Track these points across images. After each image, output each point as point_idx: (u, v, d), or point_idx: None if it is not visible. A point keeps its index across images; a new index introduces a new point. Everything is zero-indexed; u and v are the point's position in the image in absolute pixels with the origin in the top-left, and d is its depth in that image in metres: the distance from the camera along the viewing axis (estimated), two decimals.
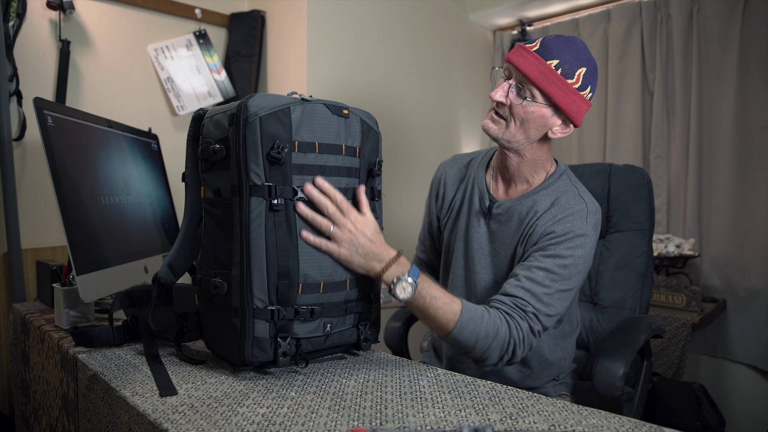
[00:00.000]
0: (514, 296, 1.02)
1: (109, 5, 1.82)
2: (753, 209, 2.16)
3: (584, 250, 1.05)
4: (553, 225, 1.07)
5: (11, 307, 1.45)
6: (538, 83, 1.03)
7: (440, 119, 2.65)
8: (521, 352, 1.01)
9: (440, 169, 1.35)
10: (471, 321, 0.97)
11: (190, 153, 0.96)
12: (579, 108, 1.06)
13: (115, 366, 0.92)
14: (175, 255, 0.97)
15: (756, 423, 2.19)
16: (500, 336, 0.98)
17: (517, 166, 1.14)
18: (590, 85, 1.06)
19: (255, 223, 0.82)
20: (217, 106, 0.91)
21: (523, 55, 1.05)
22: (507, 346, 0.99)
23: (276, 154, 0.82)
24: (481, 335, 0.97)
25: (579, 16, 2.66)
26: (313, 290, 0.87)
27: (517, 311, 1.01)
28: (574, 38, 1.07)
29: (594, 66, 1.06)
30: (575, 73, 1.04)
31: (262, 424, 0.69)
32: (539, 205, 1.11)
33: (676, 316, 2.02)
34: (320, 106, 0.88)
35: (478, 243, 1.18)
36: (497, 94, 1.06)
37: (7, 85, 1.52)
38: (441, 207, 1.31)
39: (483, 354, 0.99)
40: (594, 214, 1.09)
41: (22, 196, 1.61)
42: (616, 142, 2.52)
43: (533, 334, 1.02)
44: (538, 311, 1.01)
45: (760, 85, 2.14)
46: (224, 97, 2.07)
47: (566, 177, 1.15)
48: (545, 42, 1.05)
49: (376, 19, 2.28)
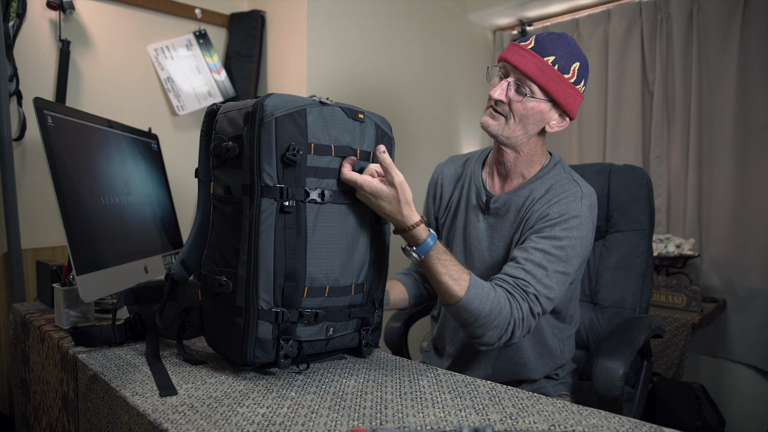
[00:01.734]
0: (516, 277, 1.02)
1: (109, 5, 1.82)
2: (753, 209, 2.16)
3: (580, 231, 1.06)
4: (549, 208, 1.08)
5: (11, 307, 1.45)
6: (537, 80, 1.05)
7: (440, 119, 2.65)
8: (519, 333, 1.01)
9: (437, 170, 1.36)
10: (479, 296, 0.97)
11: (203, 148, 0.95)
12: (575, 101, 1.09)
13: (115, 366, 0.92)
14: (188, 251, 0.97)
15: (756, 423, 2.19)
16: (503, 315, 0.98)
17: (513, 161, 1.16)
18: (583, 79, 1.10)
19: (265, 224, 0.82)
20: (232, 102, 0.89)
21: (520, 53, 1.07)
22: (507, 326, 0.99)
23: (291, 156, 0.81)
24: (485, 311, 0.97)
25: (579, 16, 2.65)
26: (319, 294, 0.87)
27: (519, 291, 1.01)
28: (564, 34, 1.09)
29: (585, 60, 1.10)
30: (570, 68, 1.06)
31: (262, 424, 0.69)
32: (535, 193, 1.13)
33: (676, 316, 2.02)
34: (336, 109, 0.88)
35: (476, 239, 1.19)
36: (496, 92, 1.08)
37: (7, 85, 1.52)
38: (439, 207, 1.32)
39: (483, 330, 0.99)
40: (588, 196, 1.11)
41: (22, 196, 1.61)
42: (616, 142, 2.52)
43: (533, 315, 1.02)
44: (539, 293, 1.02)
45: (760, 85, 2.14)
46: (224, 97, 2.07)
47: (560, 167, 1.17)
48: (540, 39, 1.07)
49: (376, 19, 2.28)
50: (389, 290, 1.30)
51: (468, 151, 1.40)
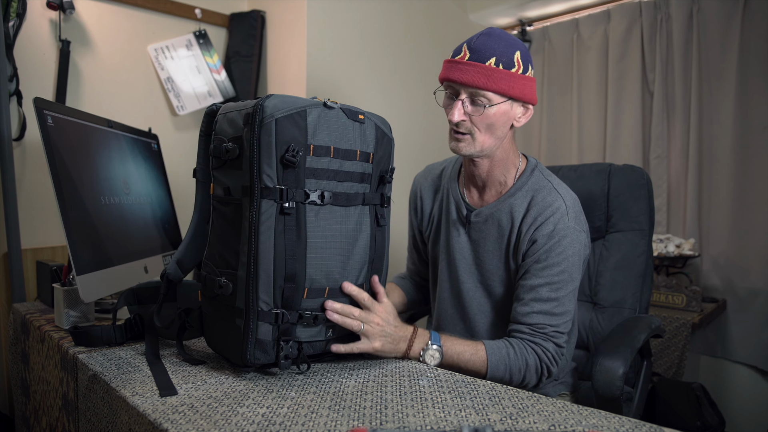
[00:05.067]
0: (531, 324, 1.06)
1: (109, 5, 1.82)
2: (753, 209, 2.16)
3: (574, 248, 1.07)
4: (536, 232, 1.08)
5: (11, 307, 1.45)
6: (489, 87, 1.02)
7: (440, 119, 2.65)
8: (555, 368, 1.07)
9: (415, 182, 1.35)
10: (500, 362, 1.03)
11: (202, 149, 0.96)
12: (531, 89, 1.07)
13: (115, 366, 0.92)
14: (183, 251, 0.97)
15: (756, 423, 2.19)
16: (531, 365, 1.04)
17: (488, 170, 1.14)
18: (529, 63, 1.06)
19: (264, 225, 0.82)
20: (232, 103, 0.89)
21: (461, 68, 1.04)
22: (541, 370, 1.05)
23: (291, 157, 0.81)
24: (514, 371, 1.03)
25: (579, 16, 2.65)
26: (318, 295, 0.87)
27: (539, 336, 1.05)
28: (492, 29, 1.06)
29: (522, 44, 1.06)
30: (514, 60, 1.03)
31: (262, 424, 0.69)
32: (516, 209, 1.11)
33: (676, 316, 2.02)
34: (336, 110, 0.88)
35: (460, 253, 1.19)
36: (455, 115, 1.05)
37: (7, 85, 1.52)
38: (421, 220, 1.32)
39: (521, 383, 1.05)
40: (572, 207, 1.10)
41: (22, 196, 1.61)
42: (616, 142, 2.52)
43: (558, 347, 1.07)
44: (557, 327, 1.06)
45: (760, 85, 2.14)
46: (224, 97, 2.07)
47: (538, 172, 1.15)
48: (472, 46, 1.04)
49: (376, 19, 2.28)
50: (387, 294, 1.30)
51: None
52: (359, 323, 0.92)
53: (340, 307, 0.90)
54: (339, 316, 0.90)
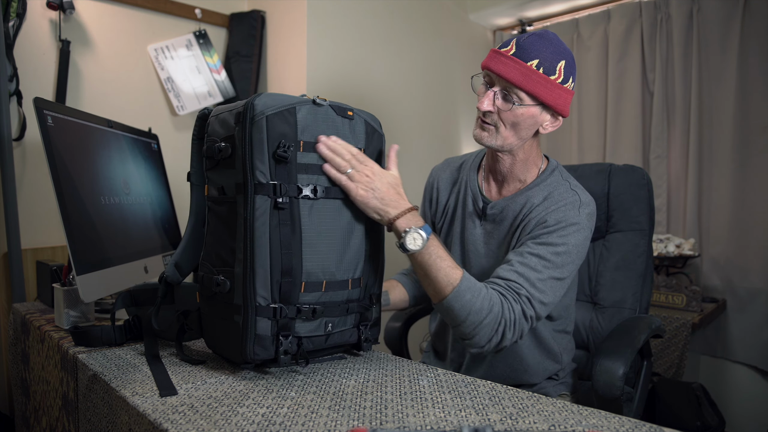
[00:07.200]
0: (508, 279, 1.02)
1: (109, 5, 1.82)
2: (753, 209, 2.16)
3: (576, 238, 1.06)
4: (547, 215, 1.07)
5: (11, 307, 1.45)
6: (523, 86, 1.03)
7: (440, 119, 2.65)
8: (511, 335, 0.99)
9: (432, 173, 1.36)
10: (468, 291, 0.96)
11: (195, 152, 0.96)
12: (565, 100, 1.07)
13: (115, 366, 0.92)
14: (181, 254, 0.97)
15: (756, 423, 2.19)
16: (493, 313, 0.97)
17: (510, 166, 1.15)
18: (571, 76, 1.07)
19: (259, 221, 0.82)
20: (222, 105, 0.91)
21: (502, 61, 1.04)
22: (497, 326, 0.98)
23: (283, 152, 0.83)
24: (475, 308, 0.96)
25: (579, 16, 2.66)
26: (316, 289, 0.87)
27: (510, 293, 1.00)
28: (546, 32, 1.06)
29: (571, 55, 1.06)
30: (556, 68, 1.04)
31: (262, 424, 0.69)
32: (533, 200, 1.11)
33: (676, 316, 2.02)
34: (325, 107, 0.89)
35: (473, 245, 1.19)
36: (484, 104, 1.06)
37: (7, 85, 1.52)
38: (435, 211, 1.31)
39: (473, 330, 0.98)
40: (587, 205, 1.09)
41: (22, 196, 1.61)
42: (616, 142, 2.52)
43: (525, 318, 1.01)
44: (531, 296, 1.01)
45: (760, 85, 2.14)
46: (224, 97, 2.07)
47: (558, 173, 1.16)
48: (521, 43, 1.04)
49: (376, 19, 2.28)
50: (389, 291, 1.30)
51: (468, 151, 1.39)
52: (347, 165, 0.89)
53: (333, 140, 0.88)
54: (328, 150, 0.87)
